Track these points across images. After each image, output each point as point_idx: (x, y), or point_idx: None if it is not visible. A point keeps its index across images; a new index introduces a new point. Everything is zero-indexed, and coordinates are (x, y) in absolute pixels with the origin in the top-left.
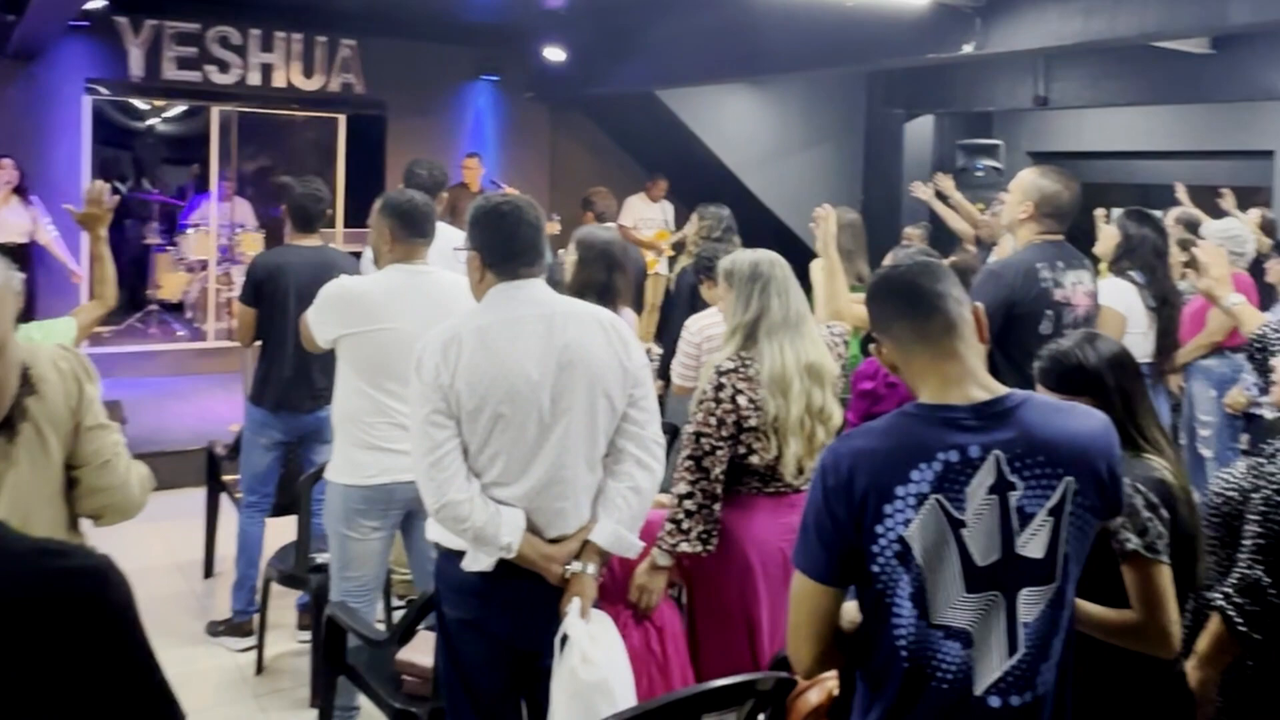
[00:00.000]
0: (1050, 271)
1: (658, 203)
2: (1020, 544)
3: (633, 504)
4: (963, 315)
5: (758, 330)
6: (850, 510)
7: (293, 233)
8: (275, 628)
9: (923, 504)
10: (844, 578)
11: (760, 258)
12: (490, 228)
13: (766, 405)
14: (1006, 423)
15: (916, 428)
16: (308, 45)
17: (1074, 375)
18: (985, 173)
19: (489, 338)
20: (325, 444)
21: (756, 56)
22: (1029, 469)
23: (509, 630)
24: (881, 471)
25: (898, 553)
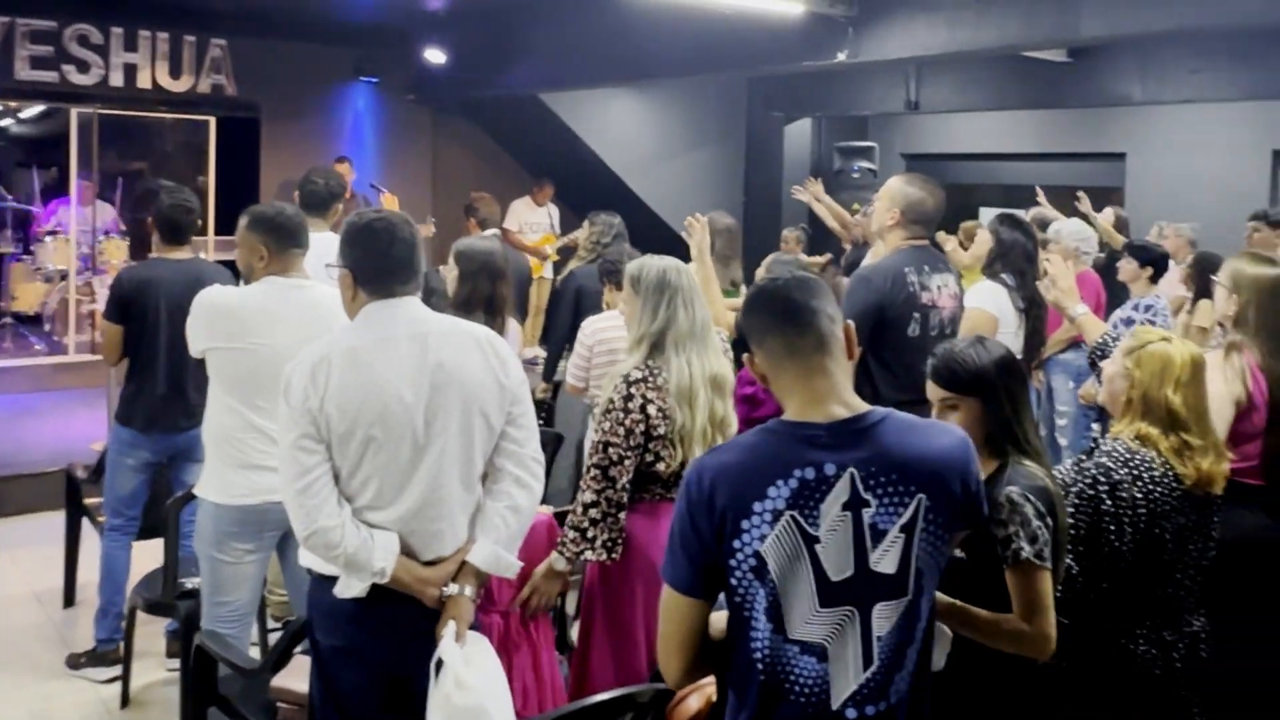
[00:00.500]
0: (917, 275)
1: (543, 207)
2: (873, 560)
3: (511, 524)
4: (834, 333)
5: (664, 341)
6: (711, 524)
7: (161, 245)
8: (142, 656)
9: (778, 520)
10: (709, 590)
11: (668, 266)
12: (363, 245)
13: (674, 415)
14: (863, 441)
15: (776, 444)
16: (174, 45)
17: (964, 375)
18: (861, 174)
19: (360, 359)
20: (197, 463)
21: (639, 61)
22: (883, 486)
23: (384, 656)
24: (740, 487)
25: (753, 568)
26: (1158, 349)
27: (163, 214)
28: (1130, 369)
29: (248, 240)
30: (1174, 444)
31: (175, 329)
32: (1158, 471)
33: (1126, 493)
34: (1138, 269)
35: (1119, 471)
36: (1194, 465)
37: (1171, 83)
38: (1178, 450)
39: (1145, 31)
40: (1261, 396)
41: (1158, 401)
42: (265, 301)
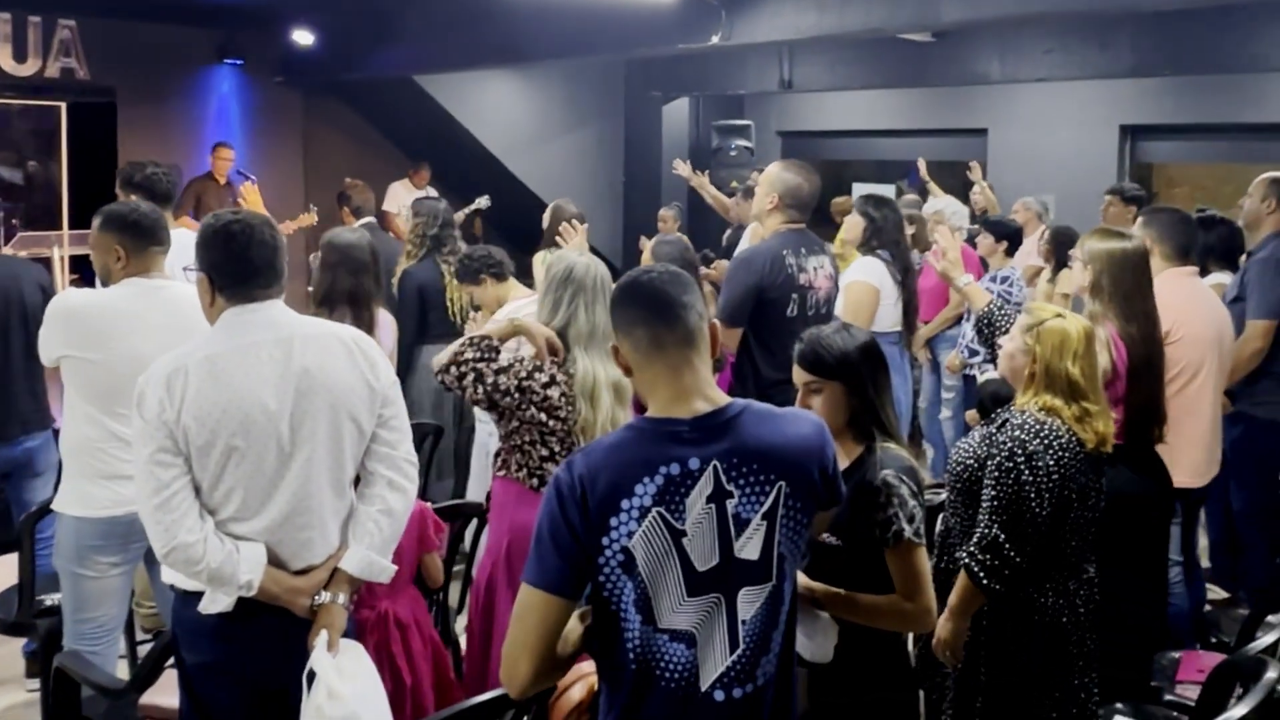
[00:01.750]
0: (795, 258)
1: (422, 190)
2: (738, 548)
3: (384, 528)
4: (701, 329)
5: (566, 337)
6: (583, 521)
7: None
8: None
9: (645, 516)
10: (577, 588)
11: (577, 264)
12: (220, 248)
13: (577, 408)
14: (725, 434)
15: (642, 441)
16: (17, 25)
17: (829, 360)
18: (738, 152)
19: (219, 367)
20: (37, 477)
21: (515, 43)
22: (744, 477)
23: (254, 671)
24: (608, 485)
25: (622, 563)
26: (1055, 325)
27: None
28: (1031, 345)
29: (102, 241)
30: (1075, 412)
31: None
32: (1064, 439)
33: (1041, 462)
34: (994, 243)
35: (1033, 443)
36: (1093, 429)
37: (1028, 62)
38: (1079, 418)
39: (1002, 16)
40: (1122, 364)
41: (1059, 374)
42: (125, 304)
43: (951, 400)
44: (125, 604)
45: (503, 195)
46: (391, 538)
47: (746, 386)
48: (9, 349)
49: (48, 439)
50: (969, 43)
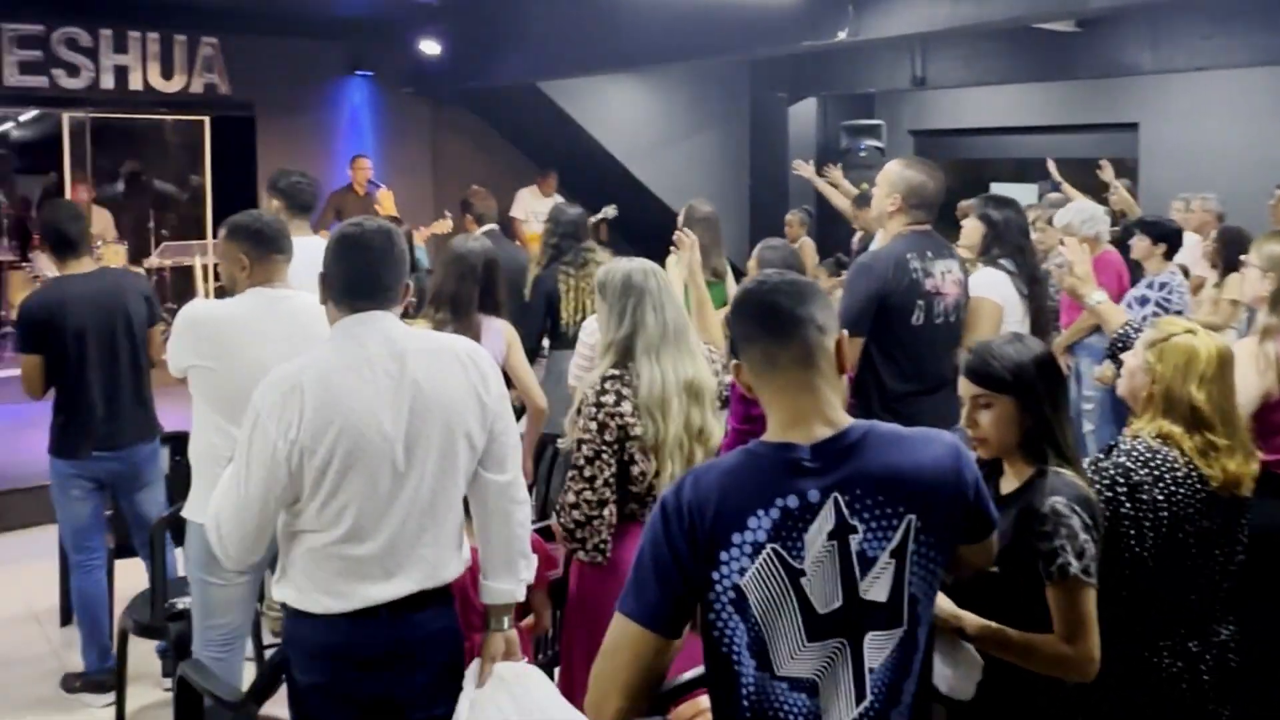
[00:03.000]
0: (920, 262)
1: (549, 197)
2: (864, 589)
3: (513, 543)
4: (822, 344)
5: (633, 347)
6: (692, 552)
7: (59, 262)
8: (139, 677)
9: (759, 553)
10: (675, 626)
11: (634, 269)
12: (333, 254)
13: (645, 425)
14: (847, 461)
15: (758, 470)
16: (165, 45)
17: (1001, 372)
18: (868, 153)
19: (334, 383)
20: (145, 488)
21: (637, 47)
22: (869, 509)
23: (365, 693)
24: (720, 516)
25: (733, 601)
26: (1181, 342)
27: (48, 228)
28: (1152, 363)
29: (228, 251)
30: (1198, 444)
31: (98, 346)
32: (1181, 472)
33: (1148, 495)
34: (1150, 245)
35: (1139, 472)
36: (1220, 466)
37: (1184, 50)
38: (1202, 450)
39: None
40: None
41: (1180, 399)
42: (248, 314)
43: (1093, 413)
44: (250, 612)
45: (627, 201)
46: (522, 549)
47: (869, 400)
48: (116, 360)
49: (155, 449)
50: (1118, 31)
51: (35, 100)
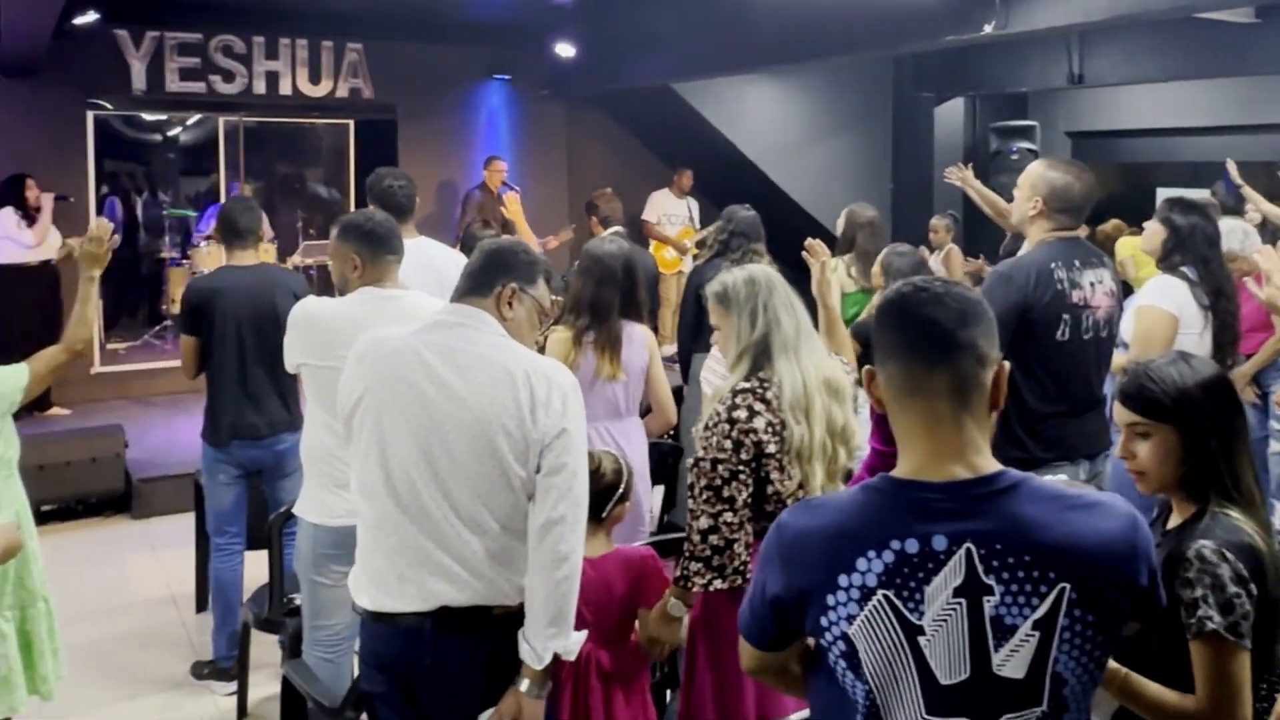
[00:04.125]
0: (1065, 271)
1: (683, 198)
2: (997, 662)
3: (548, 602)
4: (979, 378)
5: (770, 348)
6: (790, 593)
7: (228, 251)
8: (261, 668)
9: (868, 599)
10: (782, 644)
11: (754, 272)
12: None
13: (790, 430)
14: (988, 510)
15: (875, 506)
16: (313, 51)
17: (1161, 398)
18: (1021, 155)
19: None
20: (286, 478)
21: (772, 46)
22: (1009, 569)
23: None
24: (825, 556)
25: (844, 654)
26: None
27: (224, 216)
28: None
29: (340, 250)
30: None
31: (243, 337)
32: None
33: None
34: None
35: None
36: None
37: None
38: None
39: None
40: None
41: None
42: (358, 314)
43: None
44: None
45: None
46: (555, 614)
47: (1007, 422)
48: (262, 351)
49: (297, 441)
50: None
51: (194, 105)
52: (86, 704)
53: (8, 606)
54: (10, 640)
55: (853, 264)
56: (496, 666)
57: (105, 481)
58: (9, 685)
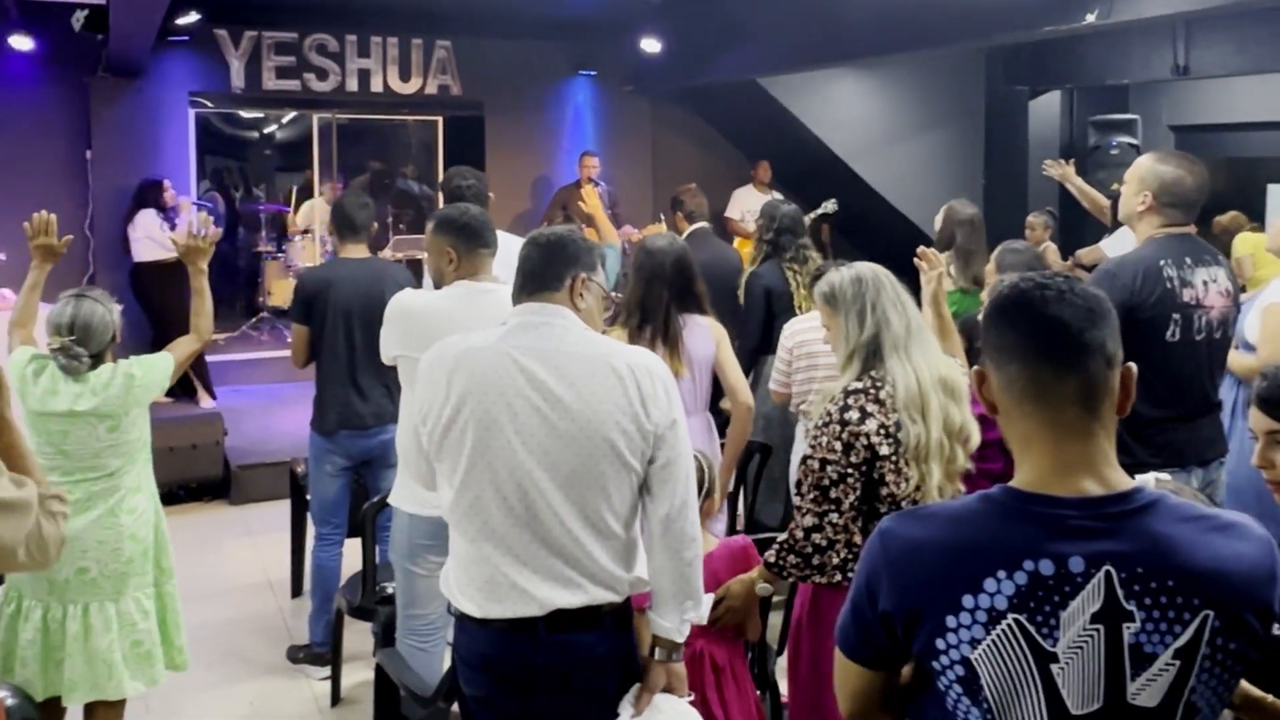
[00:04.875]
0: (1176, 270)
1: (766, 194)
2: (1133, 691)
3: (684, 583)
4: (1108, 381)
5: (881, 347)
6: (900, 612)
7: (340, 244)
8: (356, 656)
9: (996, 624)
10: (885, 665)
11: (861, 270)
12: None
13: (906, 430)
14: (1126, 530)
15: (1000, 520)
16: (403, 48)
17: None
18: (1120, 150)
19: (476, 367)
20: (391, 468)
21: (861, 39)
22: (1152, 595)
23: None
24: (946, 573)
25: (961, 678)
26: None
27: (339, 211)
28: None
29: (435, 244)
30: None
31: (353, 329)
32: None
33: None
34: None
35: None
36: None
37: None
38: None
39: None
40: None
41: None
42: (452, 307)
43: None
44: None
45: (850, 200)
46: (688, 589)
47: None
48: (369, 345)
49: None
50: None
51: (289, 102)
52: (185, 685)
53: (148, 584)
54: (151, 616)
55: (951, 262)
56: (607, 664)
57: (205, 468)
58: (151, 658)
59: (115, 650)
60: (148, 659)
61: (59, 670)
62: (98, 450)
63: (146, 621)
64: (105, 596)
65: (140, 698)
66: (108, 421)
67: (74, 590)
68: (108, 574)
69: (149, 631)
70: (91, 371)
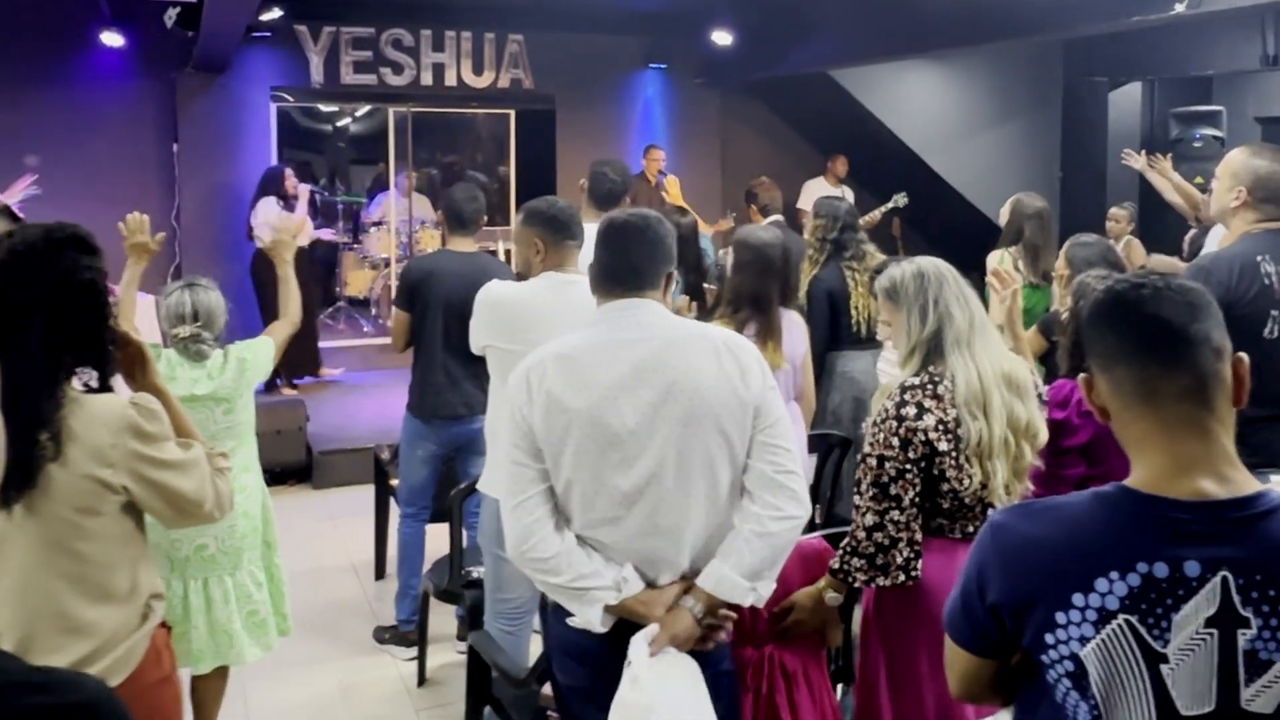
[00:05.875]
0: (1274, 265)
1: (837, 186)
2: (1246, 697)
3: (756, 550)
4: (1219, 374)
5: (943, 343)
6: (1010, 606)
7: (449, 236)
8: (438, 637)
9: (1107, 623)
10: (994, 654)
11: (923, 265)
12: (602, 243)
13: (966, 427)
14: (1246, 536)
15: (1115, 521)
16: (476, 43)
17: None
18: (1204, 143)
19: (574, 365)
20: (480, 455)
21: (937, 30)
22: (1270, 603)
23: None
24: (1057, 571)
25: (1070, 673)
26: None
27: (450, 204)
28: None
29: (524, 235)
30: None
31: (451, 319)
32: None
33: None
34: None
35: None
36: None
37: None
38: None
39: None
40: None
41: None
42: (541, 298)
43: None
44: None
45: (922, 194)
46: (765, 562)
47: None
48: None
49: None
50: None
51: (366, 96)
52: (277, 664)
53: (259, 558)
54: (264, 587)
55: (1019, 257)
56: (703, 653)
57: (289, 452)
58: (266, 626)
59: (234, 620)
60: (263, 627)
61: (185, 641)
62: (214, 433)
63: (260, 593)
64: (223, 571)
65: (234, 677)
66: (224, 405)
67: (194, 566)
68: (224, 550)
69: (263, 601)
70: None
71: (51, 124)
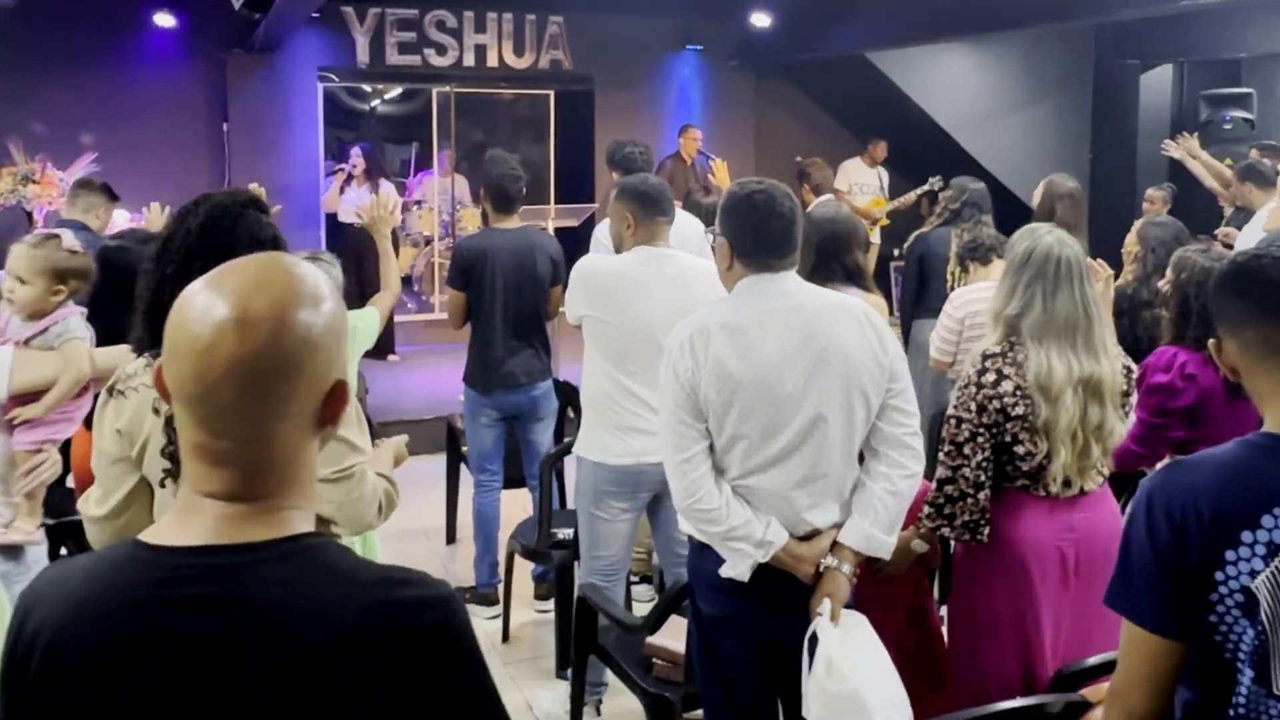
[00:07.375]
0: None
1: (874, 168)
2: None
3: (890, 506)
4: None
5: (1019, 328)
6: (1188, 558)
7: (493, 215)
8: (516, 597)
9: (1276, 555)
10: (1185, 629)
11: (1042, 245)
12: (741, 216)
13: (1036, 404)
14: None
15: (1265, 463)
16: (518, 24)
17: None
18: (1234, 125)
19: (739, 333)
20: (540, 421)
21: (976, 13)
22: None
23: (764, 628)
24: (1225, 512)
25: (1240, 604)
26: None
27: (492, 184)
28: None
29: (616, 210)
30: None
31: (508, 293)
32: None
33: None
34: None
35: None
36: None
37: None
38: None
39: None
40: None
41: None
42: (635, 270)
43: None
44: (630, 546)
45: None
46: (896, 517)
47: None
48: (522, 308)
49: (549, 389)
50: None
51: (410, 77)
52: None
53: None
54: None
55: None
56: None
57: None
58: None
59: None
60: None
61: None
62: None
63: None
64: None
65: None
66: None
67: None
68: None
69: None
70: None
71: (106, 104)
